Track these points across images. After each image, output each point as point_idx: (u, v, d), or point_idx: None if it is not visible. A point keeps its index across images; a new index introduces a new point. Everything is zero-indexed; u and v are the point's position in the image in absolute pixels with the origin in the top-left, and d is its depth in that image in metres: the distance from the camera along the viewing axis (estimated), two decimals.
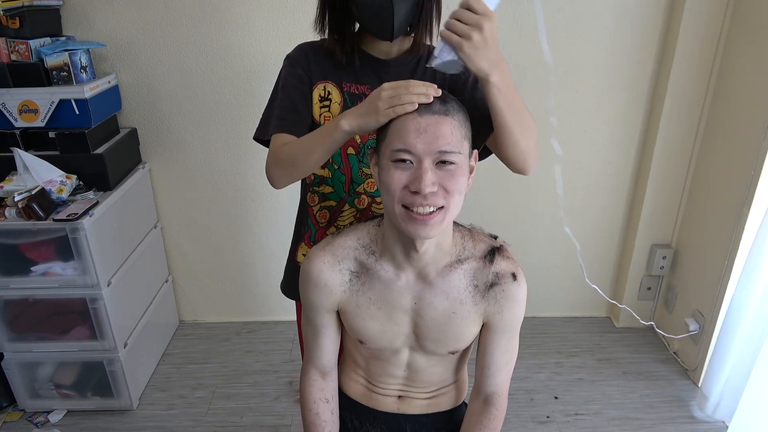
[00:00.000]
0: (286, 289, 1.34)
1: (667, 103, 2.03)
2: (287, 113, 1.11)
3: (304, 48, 1.15)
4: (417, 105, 0.85)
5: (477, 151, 0.96)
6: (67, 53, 1.75)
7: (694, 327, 2.07)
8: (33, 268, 1.76)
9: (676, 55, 1.96)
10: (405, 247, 0.95)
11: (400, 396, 1.14)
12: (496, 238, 1.06)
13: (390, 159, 0.87)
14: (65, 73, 1.76)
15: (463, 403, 1.21)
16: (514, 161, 1.01)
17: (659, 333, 2.32)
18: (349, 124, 0.93)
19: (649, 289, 2.36)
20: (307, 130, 1.09)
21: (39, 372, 1.93)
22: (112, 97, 1.97)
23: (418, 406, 1.15)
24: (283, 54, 1.16)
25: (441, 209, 0.87)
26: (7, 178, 1.78)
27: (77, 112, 1.78)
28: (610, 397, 2.04)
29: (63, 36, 1.92)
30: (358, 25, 1.10)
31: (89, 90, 1.79)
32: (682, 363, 2.19)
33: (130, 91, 2.05)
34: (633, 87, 2.09)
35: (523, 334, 1.08)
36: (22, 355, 1.88)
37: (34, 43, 1.75)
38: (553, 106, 0.95)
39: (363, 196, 1.17)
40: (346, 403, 1.17)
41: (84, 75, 1.81)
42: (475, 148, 0.95)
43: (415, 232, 0.87)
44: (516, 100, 0.93)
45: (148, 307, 2.13)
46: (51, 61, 1.74)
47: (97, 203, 1.76)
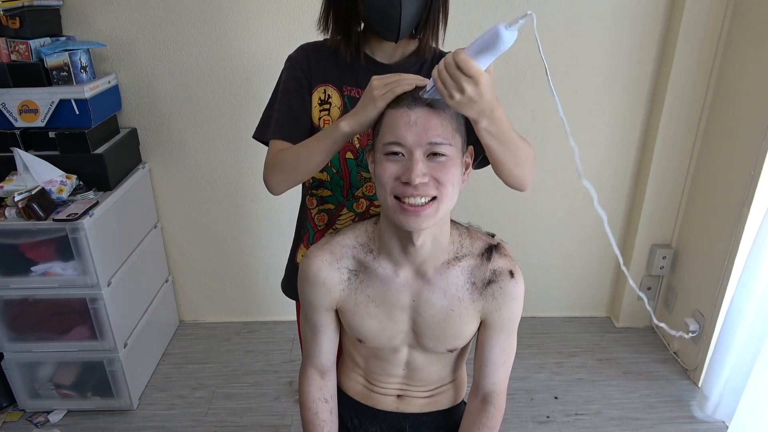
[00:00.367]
0: (286, 288, 1.34)
1: (667, 103, 2.03)
2: (284, 118, 1.10)
3: (305, 48, 1.14)
4: (414, 85, 0.88)
5: (471, 147, 0.96)
6: (67, 53, 1.75)
7: (694, 327, 2.07)
8: (33, 268, 1.76)
9: (676, 55, 1.96)
10: (402, 242, 0.95)
11: (399, 395, 1.14)
12: (493, 236, 1.06)
13: (383, 153, 0.89)
14: (65, 73, 1.76)
15: (462, 402, 1.21)
16: (510, 185, 1.03)
17: (662, 329, 2.32)
18: (348, 124, 0.94)
19: (649, 289, 2.36)
20: (304, 135, 1.09)
21: (39, 372, 1.93)
22: (112, 97, 1.97)
23: (418, 404, 1.15)
24: (283, 54, 1.16)
25: (434, 200, 0.88)
26: (7, 178, 1.78)
27: (77, 112, 1.79)
28: (610, 397, 2.04)
29: (63, 36, 1.92)
30: (362, 25, 1.09)
31: (89, 90, 1.79)
32: (682, 363, 2.19)
33: (130, 91, 2.05)
34: (633, 87, 2.09)
35: (523, 334, 1.08)
36: (22, 355, 1.88)
37: (34, 43, 1.75)
38: (575, 150, 0.95)
39: (361, 199, 1.17)
40: (346, 402, 1.17)
41: (84, 75, 1.81)
42: (470, 144, 0.95)
43: (407, 224, 0.88)
44: (509, 138, 0.92)
45: (148, 307, 2.13)
46: (51, 61, 1.74)
47: (97, 203, 1.76)
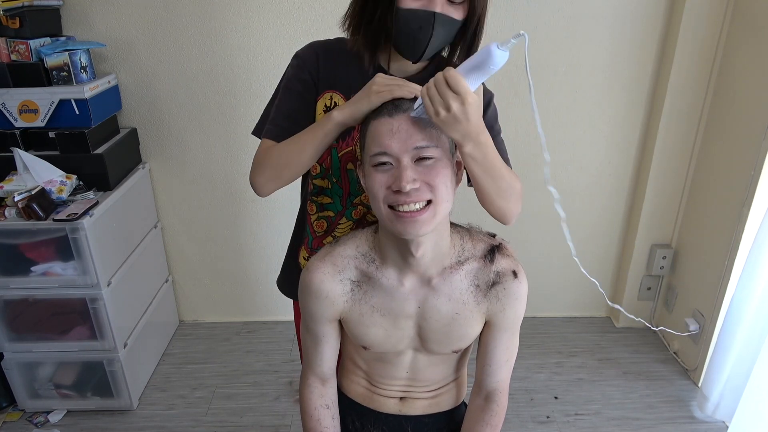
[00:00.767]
0: (282, 285, 1.32)
1: (667, 103, 2.03)
2: (282, 119, 1.07)
3: (316, 49, 1.08)
4: (414, 94, 0.88)
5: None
6: (67, 53, 1.75)
7: (694, 327, 2.07)
8: (33, 268, 1.76)
9: (676, 55, 1.96)
10: (402, 252, 0.95)
11: (402, 397, 1.14)
12: (494, 236, 1.06)
13: (371, 164, 0.88)
14: (65, 73, 1.76)
15: (463, 403, 1.21)
16: (492, 215, 1.03)
17: (663, 330, 2.32)
18: (341, 114, 0.93)
19: (649, 289, 2.36)
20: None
21: (39, 372, 1.93)
22: (112, 97, 1.97)
23: (420, 406, 1.14)
24: (283, 54, 1.15)
25: (429, 204, 0.87)
26: (7, 178, 1.78)
27: (77, 112, 1.78)
28: (610, 397, 2.04)
29: (63, 36, 1.92)
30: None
31: (89, 90, 1.79)
32: (682, 363, 2.19)
33: (130, 91, 2.05)
34: (633, 87, 2.09)
35: (523, 334, 1.08)
36: (22, 355, 1.88)
37: (34, 43, 1.75)
38: (551, 187, 0.94)
39: (359, 206, 1.16)
40: (347, 405, 1.16)
41: (84, 75, 1.81)
42: None
43: (405, 232, 0.87)
44: (493, 166, 0.91)
45: (148, 307, 2.12)
46: (51, 61, 1.74)
47: (97, 203, 1.76)
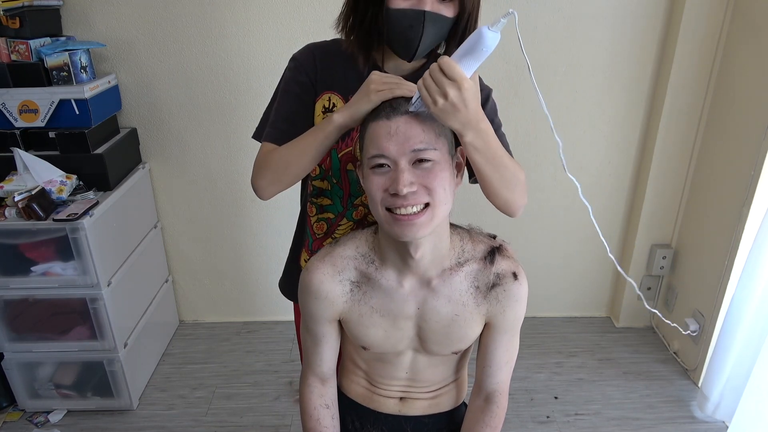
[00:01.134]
0: (284, 288, 1.33)
1: (667, 103, 2.03)
2: (281, 122, 1.07)
3: (313, 51, 1.09)
4: (414, 92, 0.87)
5: (462, 147, 0.95)
6: (67, 53, 1.75)
7: (694, 327, 2.07)
8: (33, 268, 1.76)
9: (676, 55, 1.96)
10: (401, 254, 0.95)
11: (401, 397, 1.14)
12: (494, 237, 1.06)
13: (369, 167, 0.88)
14: (65, 73, 1.76)
15: (463, 404, 1.21)
16: (498, 207, 1.02)
17: (665, 325, 2.32)
18: (342, 116, 0.93)
19: (649, 289, 2.36)
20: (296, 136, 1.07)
21: (39, 372, 1.93)
22: (112, 97, 1.97)
23: (420, 407, 1.14)
24: (283, 54, 1.14)
25: (427, 207, 0.87)
26: (7, 178, 1.78)
27: (77, 112, 1.78)
28: (610, 397, 2.04)
29: (63, 36, 1.92)
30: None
31: (89, 90, 1.79)
32: (682, 363, 2.19)
33: (130, 91, 2.05)
34: (633, 87, 2.09)
35: (523, 334, 1.08)
36: (22, 355, 1.88)
37: (34, 43, 1.75)
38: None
39: (360, 207, 1.16)
40: (347, 404, 1.16)
41: (84, 75, 1.81)
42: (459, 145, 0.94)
43: (402, 234, 0.87)
44: (496, 155, 0.91)
45: (148, 307, 2.12)
46: (51, 61, 1.74)
47: (97, 203, 1.76)
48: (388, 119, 0.86)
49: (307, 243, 1.23)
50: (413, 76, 1.03)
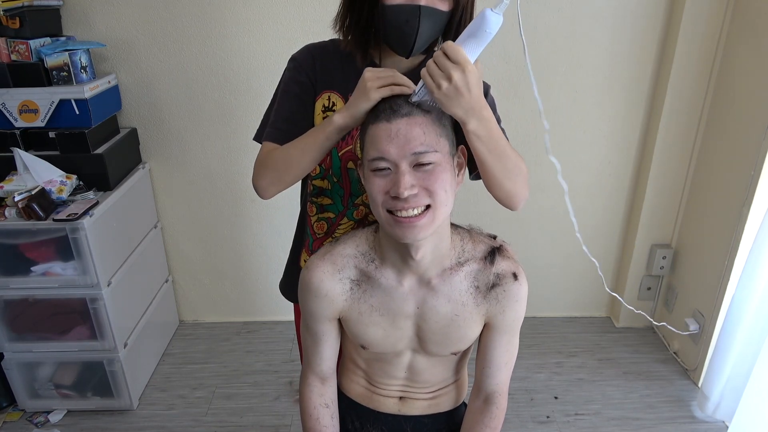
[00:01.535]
0: (284, 290, 1.33)
1: (667, 103, 2.03)
2: (282, 122, 1.07)
3: (311, 51, 1.09)
4: (413, 89, 0.87)
5: (463, 146, 0.95)
6: (67, 53, 1.75)
7: (694, 327, 2.07)
8: (33, 268, 1.76)
9: (676, 55, 1.96)
10: (401, 254, 0.95)
11: (401, 397, 1.14)
12: (495, 237, 1.06)
13: (369, 169, 0.88)
14: (65, 73, 1.76)
15: (463, 404, 1.21)
16: (500, 200, 1.01)
17: (664, 327, 2.32)
18: (342, 117, 0.93)
19: (649, 289, 2.36)
20: (297, 136, 1.07)
21: (39, 372, 1.93)
22: (112, 97, 1.97)
23: (419, 407, 1.14)
24: (284, 54, 1.15)
25: (428, 209, 0.87)
26: (7, 178, 1.78)
27: (77, 112, 1.78)
28: (610, 397, 2.04)
29: (63, 36, 1.92)
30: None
31: (89, 90, 1.79)
32: (682, 363, 2.19)
33: (130, 91, 2.05)
34: (633, 87, 2.09)
35: (523, 334, 1.08)
36: (22, 355, 1.88)
37: (34, 43, 1.75)
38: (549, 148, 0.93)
39: (361, 207, 1.16)
40: (347, 404, 1.17)
41: (84, 75, 1.81)
42: (461, 144, 0.94)
43: (403, 236, 0.87)
44: (498, 145, 0.91)
45: (148, 307, 2.12)
46: (51, 61, 1.74)
47: (97, 203, 1.76)
48: (389, 122, 0.86)
49: (307, 243, 1.23)
50: (412, 74, 1.02)
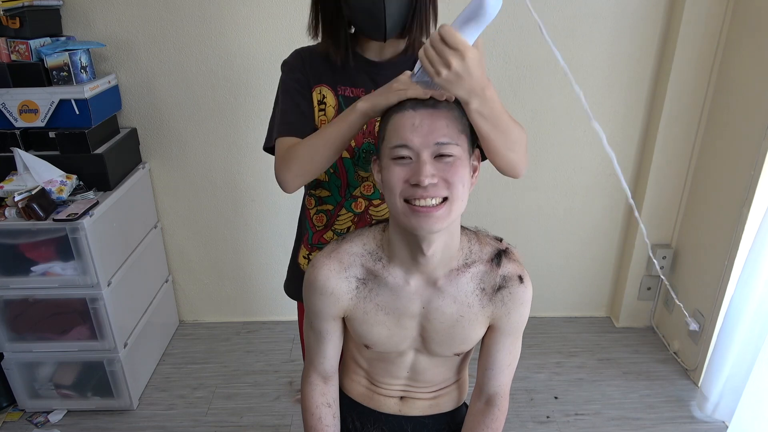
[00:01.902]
0: (287, 289, 1.34)
1: (667, 103, 2.03)
2: (291, 115, 1.10)
3: (300, 52, 1.15)
4: (429, 95, 0.88)
5: (478, 150, 0.96)
6: (67, 53, 1.75)
7: (695, 327, 2.07)
8: (33, 268, 1.76)
9: (676, 55, 1.96)
10: (412, 251, 0.94)
11: (402, 397, 1.14)
12: (501, 240, 1.06)
13: (390, 157, 0.88)
14: (65, 73, 1.76)
15: (464, 404, 1.21)
16: (503, 170, 1.02)
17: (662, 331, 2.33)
18: (365, 103, 0.95)
19: (649, 289, 2.36)
20: (310, 129, 1.09)
21: (39, 372, 1.93)
22: (112, 97, 1.97)
23: (420, 407, 1.14)
24: (283, 54, 1.16)
25: (445, 201, 0.87)
26: (7, 178, 1.78)
27: (77, 112, 1.78)
28: (610, 397, 2.04)
29: (63, 36, 1.92)
30: (352, 28, 1.09)
31: (89, 90, 1.79)
32: (682, 363, 2.19)
33: (130, 91, 2.05)
34: (633, 87, 2.09)
35: (523, 334, 1.08)
36: (22, 355, 1.88)
37: (34, 43, 1.75)
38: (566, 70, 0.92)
39: (360, 199, 1.17)
40: (348, 404, 1.16)
41: (84, 75, 1.81)
42: (477, 147, 0.95)
43: (419, 226, 0.87)
44: (502, 120, 0.91)
45: (148, 307, 2.12)
46: (51, 61, 1.74)
47: (97, 203, 1.76)
48: (414, 110, 0.86)
49: (306, 237, 1.24)
50: (399, 61, 1.09)
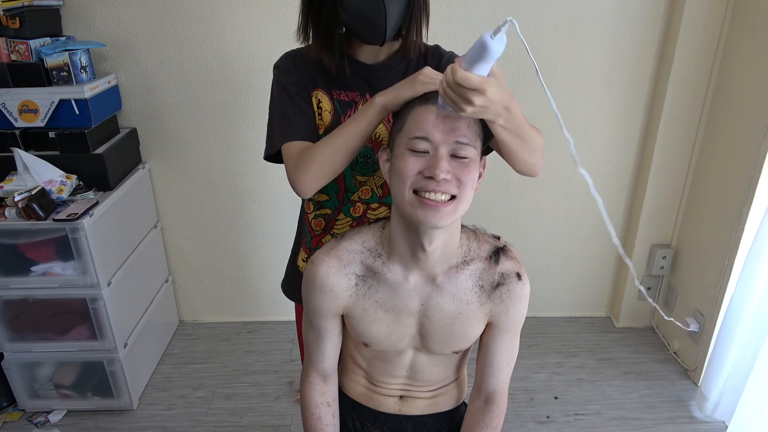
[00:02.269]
0: (286, 289, 1.34)
1: (667, 103, 2.03)
2: (296, 119, 1.07)
3: (291, 56, 1.12)
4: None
5: (485, 158, 0.96)
6: (67, 53, 1.75)
7: (695, 327, 2.07)
8: (33, 268, 1.76)
9: (676, 55, 1.96)
10: (412, 247, 0.94)
11: (401, 396, 1.14)
12: (498, 238, 1.06)
13: (406, 147, 0.88)
14: (65, 73, 1.76)
15: (464, 403, 1.21)
16: (522, 172, 1.02)
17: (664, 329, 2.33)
18: (384, 97, 0.94)
19: (649, 289, 2.36)
20: (316, 132, 1.07)
21: (39, 372, 1.93)
22: (112, 97, 1.97)
23: (420, 406, 1.14)
24: (283, 53, 1.15)
25: (453, 199, 0.88)
26: (7, 178, 1.78)
27: (77, 112, 1.78)
28: (610, 397, 2.04)
29: (63, 36, 1.92)
30: (343, 29, 1.06)
31: (89, 90, 1.79)
32: (682, 363, 2.19)
33: (130, 91, 2.05)
34: (633, 87, 2.09)
35: (523, 333, 1.08)
36: (22, 355, 1.88)
37: (34, 43, 1.75)
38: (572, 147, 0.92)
39: (358, 204, 1.16)
40: (347, 404, 1.16)
41: (84, 75, 1.81)
42: (484, 154, 0.95)
43: (425, 218, 0.87)
44: (524, 130, 0.92)
45: (148, 307, 2.12)
46: (51, 61, 1.74)
47: (97, 203, 1.76)
48: (438, 107, 0.87)
49: (305, 241, 1.24)
50: (391, 64, 1.09)
